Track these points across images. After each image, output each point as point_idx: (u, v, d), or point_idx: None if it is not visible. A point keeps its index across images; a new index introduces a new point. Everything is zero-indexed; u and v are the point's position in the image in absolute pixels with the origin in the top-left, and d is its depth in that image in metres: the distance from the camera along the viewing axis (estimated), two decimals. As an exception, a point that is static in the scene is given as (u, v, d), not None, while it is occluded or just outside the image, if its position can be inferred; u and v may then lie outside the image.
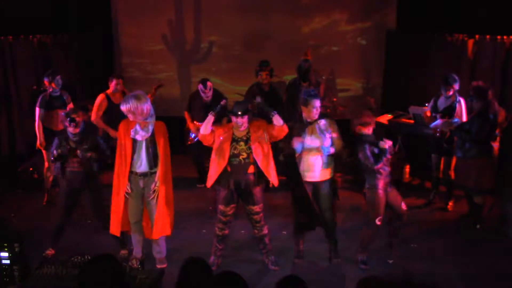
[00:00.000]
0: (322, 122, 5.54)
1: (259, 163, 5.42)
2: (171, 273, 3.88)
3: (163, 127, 5.44)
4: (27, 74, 8.48)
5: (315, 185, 5.57)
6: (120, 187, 5.41)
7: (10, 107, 8.35)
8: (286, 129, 5.47)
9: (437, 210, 7.24)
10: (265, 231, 5.63)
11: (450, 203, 7.19)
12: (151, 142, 5.34)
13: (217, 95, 7.55)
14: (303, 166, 5.52)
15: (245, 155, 5.43)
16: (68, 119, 5.69)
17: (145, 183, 5.44)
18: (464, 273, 5.63)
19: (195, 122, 7.67)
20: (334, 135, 5.53)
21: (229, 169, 5.44)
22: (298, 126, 5.56)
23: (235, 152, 5.42)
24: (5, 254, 4.24)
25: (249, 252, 6.01)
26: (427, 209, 7.29)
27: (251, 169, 5.45)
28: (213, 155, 5.51)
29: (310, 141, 5.50)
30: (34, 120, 7.28)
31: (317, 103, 5.47)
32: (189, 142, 7.85)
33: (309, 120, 5.53)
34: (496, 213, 6.72)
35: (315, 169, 5.52)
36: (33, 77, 8.43)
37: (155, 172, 5.43)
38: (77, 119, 5.70)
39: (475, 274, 5.61)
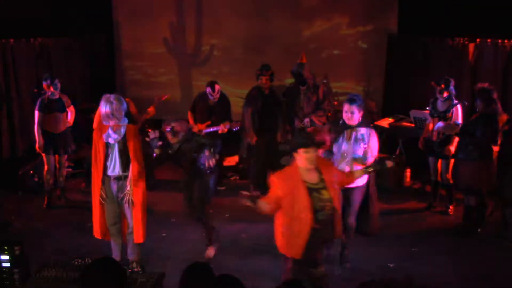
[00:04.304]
0: (361, 131, 5.39)
1: (340, 212, 4.56)
2: (171, 277, 3.87)
3: (134, 130, 5.39)
4: (28, 76, 8.50)
5: (345, 190, 5.28)
6: (95, 191, 5.43)
7: (11, 110, 8.37)
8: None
9: (438, 214, 7.23)
10: None
11: (451, 207, 7.18)
12: (123, 145, 5.32)
13: (223, 98, 7.71)
14: None
15: (329, 205, 4.36)
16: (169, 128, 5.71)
17: (118, 187, 5.41)
18: (465, 277, 5.63)
19: (198, 124, 7.71)
20: (371, 151, 5.34)
21: (317, 226, 4.32)
22: (338, 128, 5.45)
23: (321, 204, 4.32)
24: (5, 257, 4.22)
25: (250, 255, 6.00)
26: (427, 212, 7.29)
27: (335, 221, 4.48)
28: (280, 218, 4.42)
29: (345, 146, 5.39)
30: (34, 123, 7.30)
31: (350, 108, 5.31)
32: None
33: (348, 123, 5.41)
34: (497, 217, 6.73)
35: None
36: (34, 80, 8.44)
37: (128, 175, 5.41)
38: (177, 128, 5.72)
39: (476, 278, 5.61)
